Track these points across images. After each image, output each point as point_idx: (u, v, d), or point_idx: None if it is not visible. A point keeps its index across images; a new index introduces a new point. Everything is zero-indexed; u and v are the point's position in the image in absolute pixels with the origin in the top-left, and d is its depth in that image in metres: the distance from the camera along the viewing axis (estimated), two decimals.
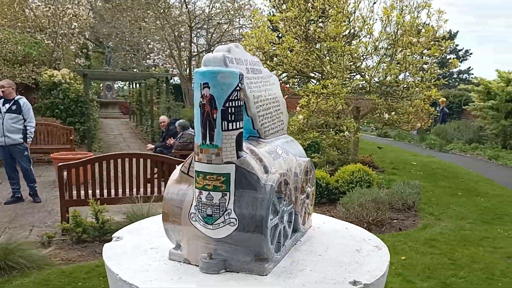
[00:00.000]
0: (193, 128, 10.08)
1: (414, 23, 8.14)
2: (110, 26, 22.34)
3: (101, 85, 26.00)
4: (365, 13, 9.13)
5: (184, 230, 1.64)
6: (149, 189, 5.61)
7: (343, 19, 8.61)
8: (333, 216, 5.10)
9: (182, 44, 22.64)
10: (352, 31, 9.36)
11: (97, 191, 5.39)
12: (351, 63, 8.76)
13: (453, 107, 18.39)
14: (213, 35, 23.07)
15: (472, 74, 37.75)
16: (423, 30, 7.92)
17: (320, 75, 8.73)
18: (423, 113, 7.91)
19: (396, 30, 8.28)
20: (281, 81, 12.16)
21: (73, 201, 5.30)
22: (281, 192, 1.69)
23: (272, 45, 9.17)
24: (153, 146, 9.40)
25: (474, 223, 5.14)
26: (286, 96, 10.89)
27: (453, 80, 36.71)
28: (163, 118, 9.97)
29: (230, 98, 1.52)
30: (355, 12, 9.27)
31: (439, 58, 8.42)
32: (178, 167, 1.75)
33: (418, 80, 8.16)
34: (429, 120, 8.24)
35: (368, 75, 9.58)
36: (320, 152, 7.52)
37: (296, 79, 10.10)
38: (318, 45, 9.35)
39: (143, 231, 2.02)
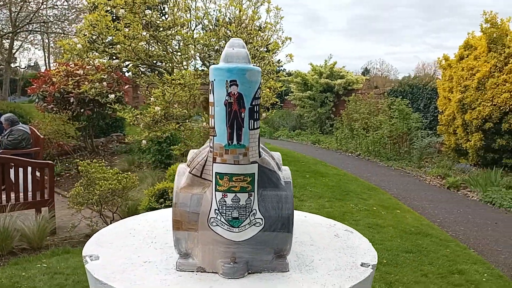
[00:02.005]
0: (24, 123, 8.80)
1: (255, 17, 8.65)
2: None
3: None
4: (208, 4, 9.32)
5: (201, 237, 1.54)
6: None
7: (186, 8, 8.60)
8: None
9: None
10: (197, 21, 9.40)
11: None
12: (197, 53, 8.82)
13: (276, 96, 20.13)
14: (19, 15, 20.21)
15: (282, 66, 41.83)
16: (263, 26, 8.47)
17: (169, 64, 8.57)
18: (268, 103, 8.51)
19: (239, 24, 8.67)
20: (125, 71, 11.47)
21: None
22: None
23: (112, 31, 8.55)
24: None
25: (331, 201, 5.87)
26: (128, 86, 10.34)
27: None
28: None
29: (256, 96, 1.49)
30: (196, 2, 9.34)
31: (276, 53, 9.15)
32: (184, 170, 1.61)
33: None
34: (273, 110, 8.91)
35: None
36: (179, 144, 7.45)
37: (143, 68, 9.68)
38: (162, 33, 9.13)
39: (115, 246, 1.80)
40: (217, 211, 1.50)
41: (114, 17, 9.52)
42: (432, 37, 51.96)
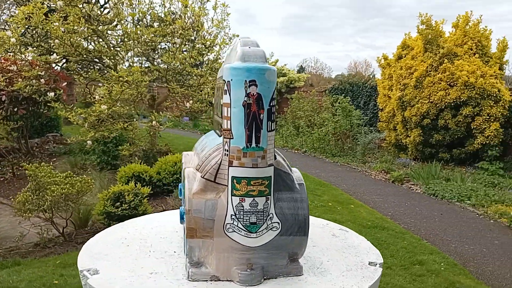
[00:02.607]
0: None
1: (200, 13, 8.51)
2: None
3: None
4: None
5: (216, 244, 1.47)
6: None
7: (130, 2, 8.33)
8: (170, 209, 5.01)
9: None
10: (140, 15, 9.09)
11: None
12: (142, 49, 8.52)
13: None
14: None
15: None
16: (207, 22, 8.40)
17: (112, 61, 8.20)
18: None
19: (187, 20, 8.50)
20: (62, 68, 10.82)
21: None
22: None
23: (50, 24, 8.02)
24: None
25: None
26: (65, 83, 9.80)
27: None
28: None
29: (273, 96, 1.44)
30: None
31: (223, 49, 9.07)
32: (194, 174, 1.52)
33: (208, 69, 8.61)
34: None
35: (157, 63, 9.56)
36: (130, 144, 7.14)
37: (83, 64, 9.18)
38: (104, 28, 8.73)
39: (112, 257, 1.67)
40: (233, 217, 1.44)
41: (50, 10, 8.97)
42: (362, 36, 54.29)
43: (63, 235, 4.52)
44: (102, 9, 11.84)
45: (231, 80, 1.40)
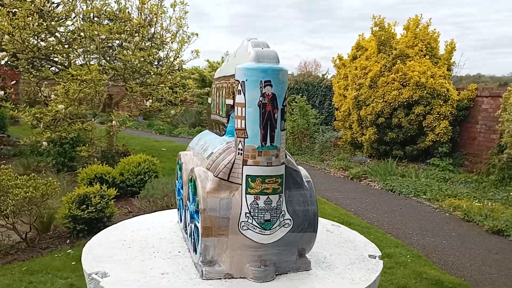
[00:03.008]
0: None
1: (157, 11, 8.37)
2: None
3: None
4: None
5: (230, 242, 1.48)
6: None
7: None
8: (136, 210, 4.92)
9: None
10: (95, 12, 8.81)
11: None
12: (99, 48, 8.27)
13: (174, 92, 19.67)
14: None
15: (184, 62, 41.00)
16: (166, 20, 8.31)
17: (66, 59, 7.90)
18: (177, 100, 8.37)
19: (144, 17, 8.34)
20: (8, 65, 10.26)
21: None
22: None
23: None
24: None
25: None
26: (14, 82, 9.34)
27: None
28: None
29: (286, 96, 1.48)
30: None
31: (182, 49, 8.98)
32: (206, 174, 1.53)
33: (167, 68, 8.49)
34: (181, 107, 8.78)
35: (112, 60, 9.30)
36: (88, 145, 6.88)
37: (32, 62, 8.75)
38: (55, 24, 8.38)
39: (117, 260, 1.65)
40: (248, 215, 1.46)
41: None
42: (310, 36, 55.45)
43: (26, 241, 4.31)
44: (53, 4, 11.33)
45: (246, 80, 1.41)
